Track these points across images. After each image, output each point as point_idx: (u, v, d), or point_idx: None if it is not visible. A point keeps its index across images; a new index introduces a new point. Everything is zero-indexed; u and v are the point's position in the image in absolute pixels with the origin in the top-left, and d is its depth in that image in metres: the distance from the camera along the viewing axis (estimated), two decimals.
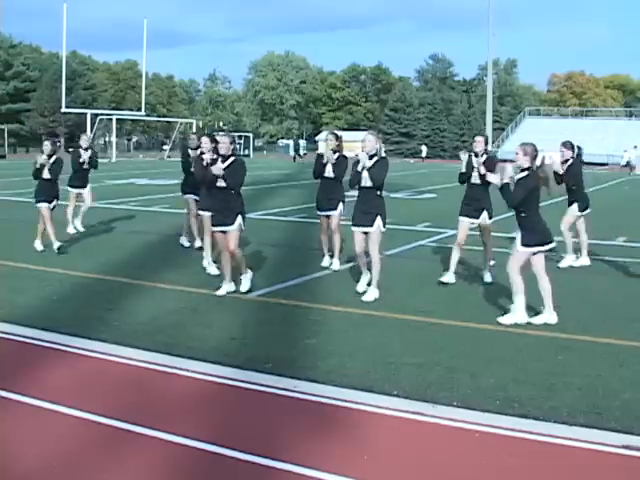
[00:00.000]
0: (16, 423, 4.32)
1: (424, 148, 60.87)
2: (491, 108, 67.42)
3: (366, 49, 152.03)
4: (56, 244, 10.14)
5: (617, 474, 3.86)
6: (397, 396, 4.85)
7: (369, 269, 7.83)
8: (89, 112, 50.01)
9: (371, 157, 7.63)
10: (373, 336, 6.29)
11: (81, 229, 12.13)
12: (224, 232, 7.68)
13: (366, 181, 7.62)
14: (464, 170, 8.52)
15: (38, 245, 10.45)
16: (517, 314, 6.73)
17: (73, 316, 6.77)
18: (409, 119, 72.88)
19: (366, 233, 7.69)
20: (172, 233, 12.34)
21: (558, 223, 9.76)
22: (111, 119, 50.59)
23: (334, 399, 4.79)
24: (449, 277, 8.43)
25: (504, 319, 6.72)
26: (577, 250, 10.00)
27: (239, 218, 7.64)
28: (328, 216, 9.23)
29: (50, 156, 10.27)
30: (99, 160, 12.42)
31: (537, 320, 6.73)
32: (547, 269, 6.92)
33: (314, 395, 4.86)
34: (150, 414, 4.49)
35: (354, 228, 7.76)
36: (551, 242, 6.87)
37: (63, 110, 48.93)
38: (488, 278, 8.60)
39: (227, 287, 7.77)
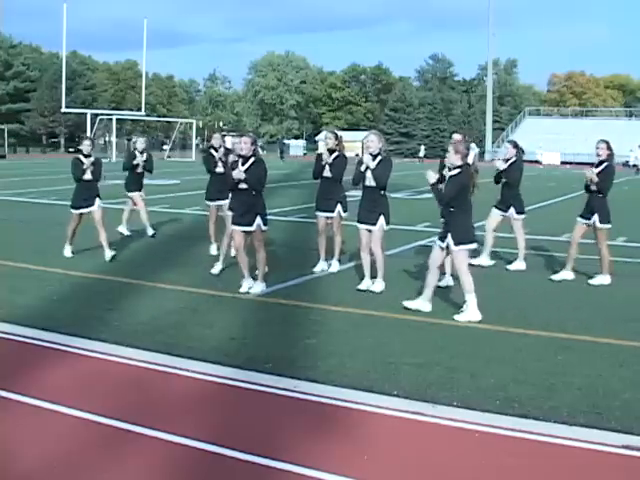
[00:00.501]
0: (16, 423, 4.32)
1: (422, 148, 60.91)
2: (491, 108, 67.49)
3: (366, 49, 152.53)
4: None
5: (617, 474, 3.86)
6: (397, 396, 4.85)
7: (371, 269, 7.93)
8: (89, 112, 50.02)
9: (374, 157, 7.79)
10: (373, 336, 6.29)
11: (126, 233, 11.63)
12: (245, 232, 7.75)
13: (370, 181, 7.82)
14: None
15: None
16: (470, 312, 6.86)
17: (73, 316, 6.76)
18: (409, 119, 72.94)
19: (370, 230, 7.91)
20: (172, 233, 12.35)
21: (565, 220, 9.84)
22: (111, 119, 50.58)
23: (334, 399, 4.79)
24: (447, 280, 8.43)
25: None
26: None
27: (258, 219, 7.68)
28: (328, 217, 9.16)
29: (87, 156, 9.73)
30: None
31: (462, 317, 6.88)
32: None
33: (314, 395, 4.86)
34: (150, 414, 4.49)
35: (359, 225, 7.99)
36: (474, 242, 7.06)
37: (63, 110, 48.98)
38: (450, 281, 8.77)
39: (247, 283, 7.84)
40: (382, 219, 7.85)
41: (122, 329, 6.34)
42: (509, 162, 9.68)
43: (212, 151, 10.03)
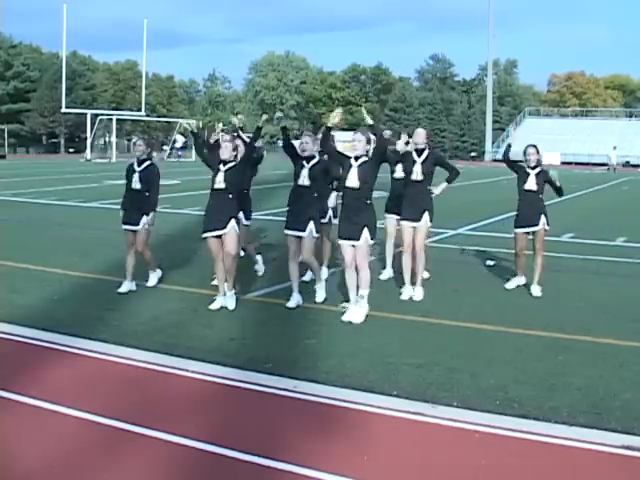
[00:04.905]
0: (16, 423, 4.32)
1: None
2: (491, 108, 67.47)
3: (366, 49, 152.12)
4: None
5: (617, 474, 3.86)
6: (397, 396, 4.85)
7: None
8: (89, 112, 49.98)
9: (357, 158, 6.86)
10: (373, 336, 6.29)
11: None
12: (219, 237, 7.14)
13: (352, 182, 6.76)
14: (400, 151, 8.36)
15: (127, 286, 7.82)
16: (365, 308, 6.84)
17: (73, 316, 6.76)
18: (409, 119, 72.87)
19: (353, 246, 6.88)
20: (172, 233, 12.34)
21: (566, 221, 9.73)
22: (111, 119, 50.50)
23: (334, 399, 4.79)
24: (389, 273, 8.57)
25: (352, 316, 6.75)
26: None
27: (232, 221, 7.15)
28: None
29: (141, 162, 7.99)
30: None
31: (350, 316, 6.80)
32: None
33: (314, 395, 4.85)
34: (150, 414, 4.49)
35: (341, 241, 6.92)
36: None
37: (63, 110, 48.89)
38: (391, 273, 8.83)
39: (220, 301, 7.20)
40: (366, 232, 6.70)
41: (122, 329, 6.34)
42: (538, 170, 8.33)
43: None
